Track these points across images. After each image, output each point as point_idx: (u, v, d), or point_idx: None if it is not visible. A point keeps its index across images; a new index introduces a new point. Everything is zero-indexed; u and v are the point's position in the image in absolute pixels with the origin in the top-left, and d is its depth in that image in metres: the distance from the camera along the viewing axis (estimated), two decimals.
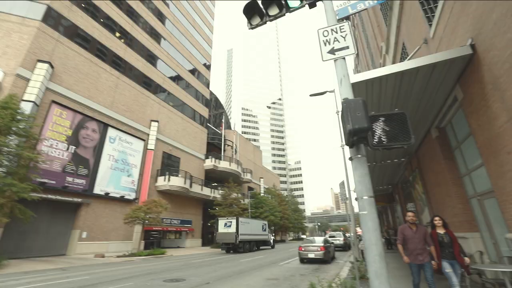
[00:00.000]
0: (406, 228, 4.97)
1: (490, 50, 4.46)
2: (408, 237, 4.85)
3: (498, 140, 4.64)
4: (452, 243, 4.68)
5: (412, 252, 4.77)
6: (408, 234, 4.87)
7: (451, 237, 4.75)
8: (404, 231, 4.96)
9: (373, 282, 2.40)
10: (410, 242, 4.80)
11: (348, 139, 2.50)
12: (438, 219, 5.01)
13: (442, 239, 4.75)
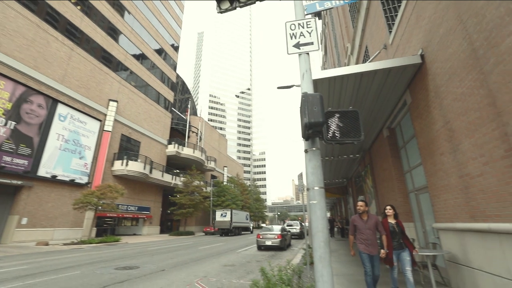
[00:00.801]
0: (357, 219, 4.79)
1: (435, 61, 4.96)
2: (359, 227, 4.70)
3: (434, 142, 5.25)
4: (403, 233, 4.68)
5: (363, 242, 4.64)
6: (359, 224, 4.71)
7: (401, 227, 4.71)
8: (355, 221, 4.78)
9: (317, 265, 2.60)
10: (362, 232, 4.66)
11: (304, 132, 2.62)
12: (389, 208, 4.91)
13: (394, 229, 4.69)
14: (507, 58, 3.07)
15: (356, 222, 4.77)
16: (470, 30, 3.76)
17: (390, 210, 4.89)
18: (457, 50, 4.24)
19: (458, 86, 4.28)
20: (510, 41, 3.01)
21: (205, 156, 41.81)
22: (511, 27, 2.98)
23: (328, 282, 2.51)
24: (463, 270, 4.62)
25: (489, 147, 3.68)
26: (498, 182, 3.55)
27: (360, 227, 4.69)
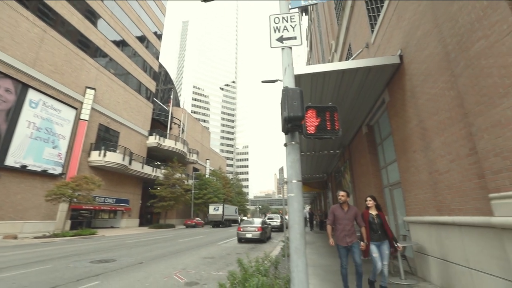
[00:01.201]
0: (337, 208, 4.55)
1: (412, 62, 5.16)
2: (338, 217, 4.46)
3: (408, 140, 5.51)
4: (383, 226, 4.48)
5: (340, 233, 4.40)
6: (339, 214, 4.48)
7: (382, 220, 4.52)
8: (335, 211, 4.54)
9: (292, 256, 2.68)
10: (340, 222, 4.43)
11: (284, 126, 2.66)
12: (370, 199, 4.70)
13: (373, 220, 4.49)
14: (475, 62, 3.26)
15: (336, 211, 4.53)
16: (444, 34, 3.94)
17: (371, 201, 4.67)
18: (432, 52, 4.44)
19: (432, 87, 4.49)
20: (478, 46, 3.19)
21: (187, 149, 41.19)
22: (479, 33, 3.16)
23: (303, 272, 2.60)
24: (428, 259, 4.94)
25: (456, 146, 3.93)
26: (462, 178, 3.81)
27: (340, 217, 4.46)
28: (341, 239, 4.39)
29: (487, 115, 3.11)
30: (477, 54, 3.22)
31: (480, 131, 3.23)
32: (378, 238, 4.41)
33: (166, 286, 5.70)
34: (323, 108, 2.89)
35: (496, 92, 2.95)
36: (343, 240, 4.37)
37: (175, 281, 6.14)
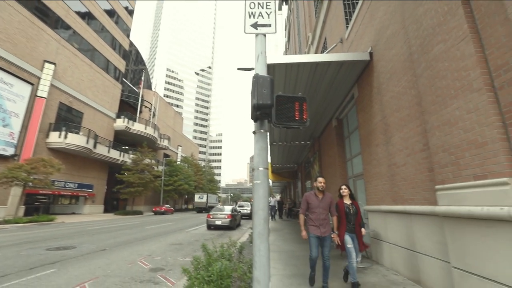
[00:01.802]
0: (311, 196, 4.13)
1: (380, 60, 5.41)
2: (312, 206, 4.06)
3: (372, 134, 5.84)
4: (357, 215, 4.27)
5: (314, 222, 4.01)
6: (313, 202, 4.06)
7: (357, 209, 4.31)
8: (309, 199, 4.11)
9: (255, 241, 2.76)
10: (314, 211, 4.04)
11: (253, 113, 2.67)
12: (345, 188, 4.44)
13: (349, 210, 4.25)
14: (433, 64, 3.50)
15: (310, 199, 4.10)
16: (410, 35, 4.16)
17: (346, 190, 4.42)
18: (398, 52, 4.68)
19: (396, 85, 4.76)
20: (437, 50, 3.42)
21: (158, 134, 39.72)
22: (439, 37, 3.38)
23: (265, 256, 2.69)
24: (382, 245, 5.39)
25: (412, 141, 4.24)
26: (416, 171, 4.15)
27: (314, 205, 4.04)
28: (315, 229, 4.00)
29: (439, 114, 3.38)
30: (436, 56, 3.46)
31: (433, 129, 3.51)
32: (353, 229, 4.21)
33: (129, 272, 5.58)
34: (293, 98, 2.94)
35: (448, 94, 3.22)
36: (317, 230, 3.98)
37: (140, 267, 6.03)
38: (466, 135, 2.97)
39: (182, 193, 44.58)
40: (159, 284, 4.83)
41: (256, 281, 2.68)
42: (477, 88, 2.81)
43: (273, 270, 5.27)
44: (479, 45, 2.88)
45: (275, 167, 20.70)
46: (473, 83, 2.85)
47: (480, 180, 2.77)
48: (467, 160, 2.96)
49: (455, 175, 3.14)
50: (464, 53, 2.99)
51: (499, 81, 2.67)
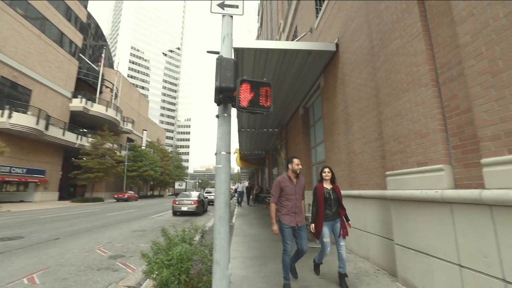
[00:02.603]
0: (285, 180, 3.51)
1: (345, 52, 5.60)
2: (287, 192, 3.46)
3: (335, 123, 6.12)
4: (339, 201, 3.75)
5: (289, 211, 3.43)
6: (289, 187, 3.47)
7: (337, 194, 3.75)
8: (283, 183, 3.49)
9: (216, 224, 2.78)
10: (289, 198, 3.45)
11: (216, 96, 2.62)
12: (328, 171, 3.84)
13: (329, 196, 3.68)
14: (391, 58, 3.73)
15: (284, 184, 3.48)
16: (372, 29, 4.35)
17: (329, 173, 3.83)
18: (361, 45, 4.88)
19: (358, 77, 4.99)
20: (394, 45, 3.64)
21: (121, 116, 37.33)
22: (397, 33, 3.59)
23: (225, 239, 2.74)
24: None
25: (369, 131, 4.54)
26: (370, 158, 4.47)
27: (289, 191, 3.44)
28: (290, 218, 3.42)
29: (393, 105, 3.65)
30: (393, 51, 3.68)
31: (387, 119, 3.79)
32: (334, 216, 3.69)
33: (86, 260, 5.33)
34: (258, 83, 2.93)
35: (401, 87, 3.47)
36: (292, 219, 3.42)
37: (98, 255, 5.78)
38: (413, 125, 3.25)
39: (147, 179, 42.97)
40: (119, 271, 4.70)
41: (215, 263, 2.73)
42: (424, 83, 3.07)
43: (236, 253, 5.42)
44: (429, 43, 3.11)
45: (243, 154, 20.82)
46: (422, 78, 3.10)
47: (422, 166, 3.08)
48: (413, 148, 3.26)
49: (403, 162, 3.44)
50: (417, 50, 3.22)
51: (442, 78, 2.93)
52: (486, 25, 2.30)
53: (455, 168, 2.76)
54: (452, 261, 2.61)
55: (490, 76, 2.26)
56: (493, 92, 2.22)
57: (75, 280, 4.21)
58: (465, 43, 2.52)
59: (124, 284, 4.05)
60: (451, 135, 2.81)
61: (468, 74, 2.49)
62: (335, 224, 3.71)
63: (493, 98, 2.22)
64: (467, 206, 2.45)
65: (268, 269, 4.30)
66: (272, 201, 3.56)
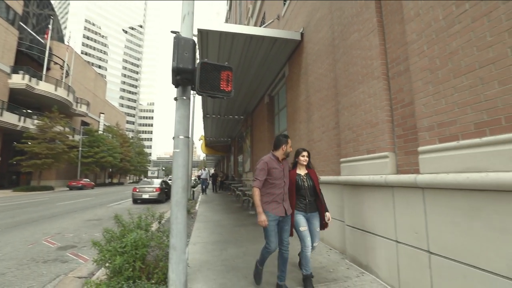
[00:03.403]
0: (272, 161, 2.94)
1: (309, 42, 5.72)
2: (275, 176, 2.88)
3: (297, 112, 6.30)
4: (315, 190, 3.15)
5: (277, 197, 2.87)
6: (277, 170, 2.91)
7: (313, 181, 3.17)
8: (271, 164, 2.91)
9: (173, 209, 2.74)
10: (277, 183, 2.89)
11: (173, 78, 2.51)
12: (306, 155, 3.28)
13: (302, 183, 3.12)
14: (349, 51, 3.90)
15: (272, 165, 2.90)
16: (334, 21, 4.48)
17: (308, 158, 3.30)
18: (324, 36, 5.01)
19: (320, 67, 5.15)
20: (353, 38, 3.81)
21: (73, 97, 33.95)
22: (355, 27, 3.75)
23: (182, 224, 2.71)
24: None
25: (328, 120, 4.76)
26: (328, 146, 4.72)
27: (277, 174, 2.88)
28: (277, 207, 2.86)
29: (349, 96, 3.86)
30: (351, 44, 3.85)
31: (343, 109, 4.00)
32: (306, 208, 3.09)
33: (30, 253, 4.90)
34: (219, 67, 2.86)
35: (357, 79, 3.67)
36: (280, 208, 2.86)
37: (45, 247, 5.35)
38: (365, 116, 3.48)
39: (105, 166, 40.24)
40: (69, 262, 4.42)
41: (172, 248, 2.70)
42: (377, 76, 3.28)
43: (197, 239, 5.42)
44: (382, 38, 3.32)
45: (209, 141, 20.51)
46: (375, 71, 3.32)
47: (371, 154, 3.35)
48: (364, 137, 3.51)
49: (355, 149, 3.70)
50: (372, 44, 3.41)
51: (392, 72, 3.17)
52: (429, 26, 2.51)
53: (397, 156, 3.04)
54: (391, 238, 2.93)
55: (429, 72, 2.49)
56: (431, 88, 2.47)
57: (15, 274, 3.86)
58: (412, 41, 2.73)
59: (74, 275, 3.83)
60: (396, 125, 3.08)
61: (412, 69, 2.71)
62: (311, 218, 3.12)
63: (430, 93, 2.47)
64: (405, 189, 2.74)
65: (228, 253, 4.39)
66: (256, 185, 2.82)
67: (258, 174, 2.90)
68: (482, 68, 2.01)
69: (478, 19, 2.05)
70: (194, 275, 3.43)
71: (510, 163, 1.77)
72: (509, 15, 1.83)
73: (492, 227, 1.87)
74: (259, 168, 2.92)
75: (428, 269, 2.41)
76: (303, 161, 3.28)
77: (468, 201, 2.05)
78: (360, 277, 3.26)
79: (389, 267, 2.94)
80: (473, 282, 1.99)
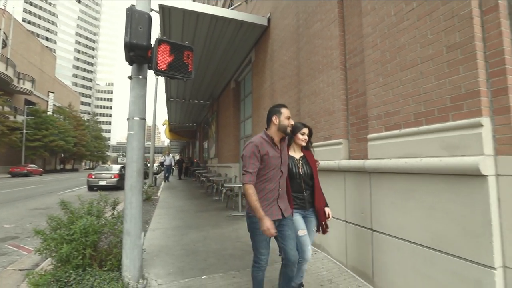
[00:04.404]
0: (265, 143, 2.08)
1: (275, 28, 5.70)
2: (270, 165, 2.07)
3: (262, 98, 6.34)
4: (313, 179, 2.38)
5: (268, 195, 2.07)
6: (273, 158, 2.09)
7: (312, 168, 2.39)
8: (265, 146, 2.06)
9: (127, 194, 2.63)
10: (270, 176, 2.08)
11: (126, 54, 2.33)
12: (307, 133, 2.46)
13: (296, 169, 2.34)
14: (312, 40, 3.99)
15: (266, 147, 2.06)
16: (299, 9, 4.51)
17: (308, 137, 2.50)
18: (289, 24, 5.03)
19: (284, 54, 5.20)
20: (315, 27, 3.89)
21: (14, 72, 29.84)
22: (318, 16, 3.83)
23: (137, 209, 2.63)
24: None
25: (290, 107, 4.82)
26: None
27: (272, 163, 2.07)
28: (273, 207, 2.07)
29: (310, 84, 3.98)
30: (314, 33, 3.93)
31: (304, 97, 4.12)
32: (305, 204, 2.36)
33: None
34: (179, 46, 2.74)
35: (318, 68, 3.79)
36: (274, 209, 2.07)
37: None
38: (324, 104, 3.64)
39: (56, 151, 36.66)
40: (8, 255, 4.04)
41: (126, 233, 2.62)
42: (335, 66, 3.42)
43: (158, 225, 5.30)
44: (342, 30, 3.44)
45: (173, 126, 19.74)
46: (334, 61, 3.45)
47: (327, 140, 3.53)
48: (322, 124, 3.68)
49: (314, 136, 3.85)
50: (332, 34, 3.52)
51: (349, 63, 3.32)
52: (382, 20, 2.66)
53: (350, 142, 3.26)
54: (342, 218, 3.17)
55: (380, 65, 2.67)
56: (381, 79, 2.65)
57: None
58: (367, 34, 2.87)
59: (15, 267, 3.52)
60: (350, 114, 3.27)
61: (366, 61, 2.88)
62: (308, 216, 2.36)
63: (380, 84, 2.65)
64: (355, 173, 2.96)
65: (189, 238, 4.38)
66: (247, 181, 1.96)
67: (248, 164, 1.99)
68: (423, 64, 2.21)
69: (422, 17, 2.23)
70: (151, 261, 3.37)
71: (439, 150, 2.01)
72: (446, 16, 2.02)
73: (422, 206, 2.13)
74: (248, 155, 2.00)
75: (371, 245, 2.68)
76: (301, 141, 2.39)
77: (406, 184, 2.29)
78: (314, 255, 3.50)
79: (339, 244, 3.20)
80: (404, 253, 2.27)
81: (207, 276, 2.92)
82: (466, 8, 1.89)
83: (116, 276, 2.56)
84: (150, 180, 12.18)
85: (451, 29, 1.99)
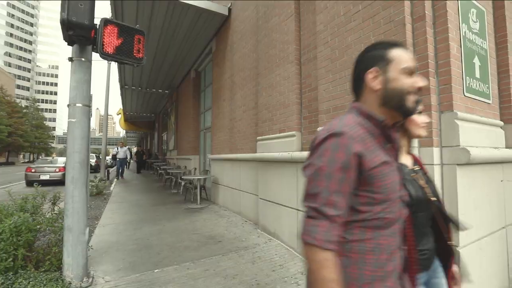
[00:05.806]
0: (369, 138, 0.76)
1: (236, 19, 5.64)
2: (387, 190, 0.75)
3: (221, 90, 6.27)
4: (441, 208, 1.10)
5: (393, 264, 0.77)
6: (391, 172, 0.78)
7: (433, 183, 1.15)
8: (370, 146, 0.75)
9: (68, 187, 2.43)
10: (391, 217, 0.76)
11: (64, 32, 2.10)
12: None
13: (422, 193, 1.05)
14: (270, 33, 4.04)
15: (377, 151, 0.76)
16: (259, 2, 4.52)
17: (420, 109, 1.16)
18: (249, 16, 5.02)
19: (244, 46, 5.19)
20: (273, 21, 3.95)
21: None
22: (277, 10, 3.89)
23: (80, 202, 2.45)
24: (218, 187, 6.26)
25: (249, 99, 4.92)
26: (247, 125, 4.92)
27: (391, 185, 0.77)
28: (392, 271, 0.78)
29: (268, 77, 4.05)
30: (272, 27, 3.99)
31: (262, 90, 4.19)
32: (430, 258, 1.07)
33: None
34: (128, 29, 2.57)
35: (275, 61, 3.87)
36: None
37: None
38: (280, 97, 3.75)
39: None
40: None
41: (68, 230, 2.43)
42: (291, 60, 3.53)
43: (108, 220, 5.00)
44: (298, 25, 3.55)
45: (129, 115, 18.44)
46: (290, 56, 3.56)
47: (282, 133, 3.66)
48: (278, 117, 3.79)
49: (270, 128, 3.97)
50: (289, 29, 3.61)
51: (304, 58, 3.46)
52: (333, 19, 2.82)
53: (303, 135, 3.42)
54: (294, 207, 3.34)
55: (330, 62, 2.84)
56: (330, 75, 2.82)
57: None
58: (320, 31, 3.02)
59: None
60: (303, 107, 3.43)
61: (318, 57, 3.03)
62: (431, 278, 1.11)
63: (330, 80, 2.83)
64: None
65: (142, 232, 4.22)
66: (323, 240, 0.70)
67: (321, 192, 0.74)
68: None
69: (366, 19, 2.42)
70: (99, 258, 3.18)
71: None
72: (385, 20, 2.22)
73: None
74: (326, 169, 0.74)
75: None
76: (420, 128, 1.16)
77: None
78: (268, 243, 3.66)
79: (290, 231, 3.38)
80: None
81: (160, 269, 2.86)
82: (400, 15, 2.10)
83: (55, 277, 2.38)
84: (102, 174, 11.33)
85: (389, 32, 2.20)
